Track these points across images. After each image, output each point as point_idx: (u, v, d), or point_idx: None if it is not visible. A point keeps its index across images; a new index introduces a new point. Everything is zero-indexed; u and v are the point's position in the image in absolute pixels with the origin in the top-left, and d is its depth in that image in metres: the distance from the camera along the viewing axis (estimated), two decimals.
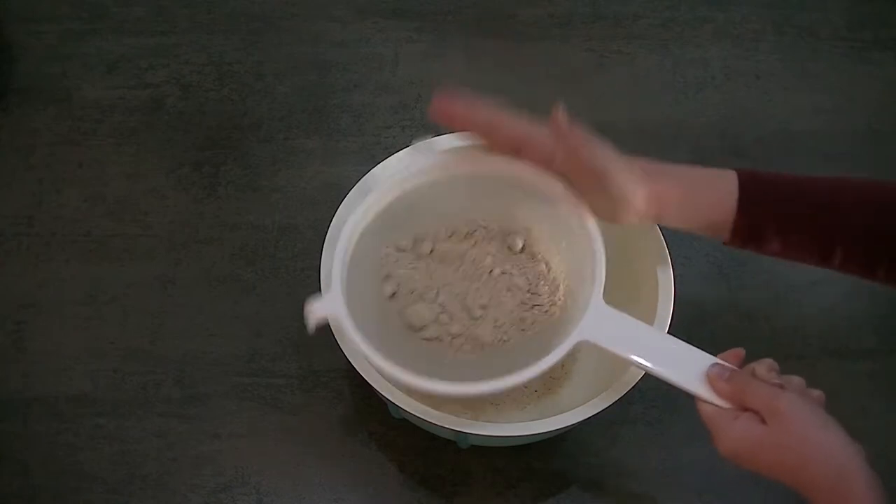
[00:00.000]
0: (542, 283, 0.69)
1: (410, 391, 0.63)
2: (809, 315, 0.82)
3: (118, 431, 0.75)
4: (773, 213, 0.60)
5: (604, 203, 0.61)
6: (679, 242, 0.83)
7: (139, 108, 0.91)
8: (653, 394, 0.77)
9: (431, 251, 0.70)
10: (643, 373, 0.64)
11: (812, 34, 0.97)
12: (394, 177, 0.66)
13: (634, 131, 0.91)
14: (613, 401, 0.64)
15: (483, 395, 0.60)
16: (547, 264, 0.69)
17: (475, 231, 0.70)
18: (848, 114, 0.93)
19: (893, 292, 0.82)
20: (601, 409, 0.64)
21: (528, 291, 0.69)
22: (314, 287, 0.67)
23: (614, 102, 0.93)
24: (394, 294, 0.69)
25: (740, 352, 0.60)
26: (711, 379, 0.58)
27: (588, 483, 0.74)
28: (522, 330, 0.68)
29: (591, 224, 0.62)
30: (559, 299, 0.68)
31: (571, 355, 0.76)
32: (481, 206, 0.69)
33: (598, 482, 0.74)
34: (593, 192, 0.61)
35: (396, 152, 0.72)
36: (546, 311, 0.68)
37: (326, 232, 0.70)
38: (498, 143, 0.63)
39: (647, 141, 0.90)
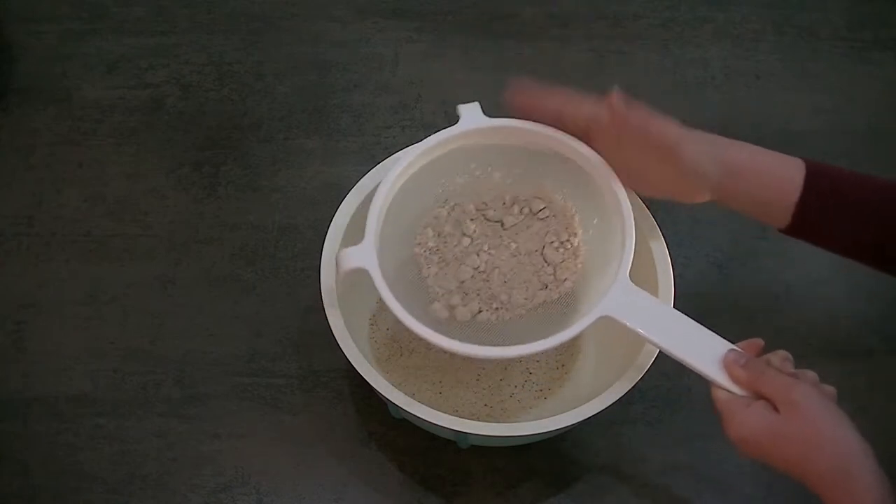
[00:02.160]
0: (564, 250, 0.68)
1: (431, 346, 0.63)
2: (809, 315, 0.82)
3: (118, 431, 0.75)
4: (834, 206, 0.60)
5: (674, 180, 0.61)
6: (679, 242, 0.83)
7: (139, 108, 0.91)
8: (653, 394, 0.77)
9: (460, 216, 0.70)
10: (643, 374, 0.65)
11: (812, 34, 0.97)
12: (430, 140, 0.66)
13: None
14: (613, 401, 0.64)
15: (506, 358, 0.61)
16: (571, 233, 0.69)
17: (502, 200, 0.70)
18: (848, 114, 0.92)
19: (894, 293, 0.82)
20: (601, 409, 0.64)
21: (549, 260, 0.68)
22: (314, 287, 0.67)
23: None
24: (423, 254, 0.69)
25: (759, 342, 0.60)
26: (728, 364, 0.58)
27: (588, 483, 0.74)
28: (539, 297, 0.68)
29: (624, 196, 0.62)
30: (578, 269, 0.68)
31: (573, 355, 0.76)
32: (513, 174, 0.69)
33: (598, 482, 0.74)
34: (662, 169, 0.61)
35: (396, 152, 0.72)
36: (565, 280, 0.68)
37: (326, 232, 0.70)
38: (567, 128, 0.63)
39: None
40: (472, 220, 0.69)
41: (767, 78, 0.95)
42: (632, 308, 0.61)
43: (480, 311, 0.67)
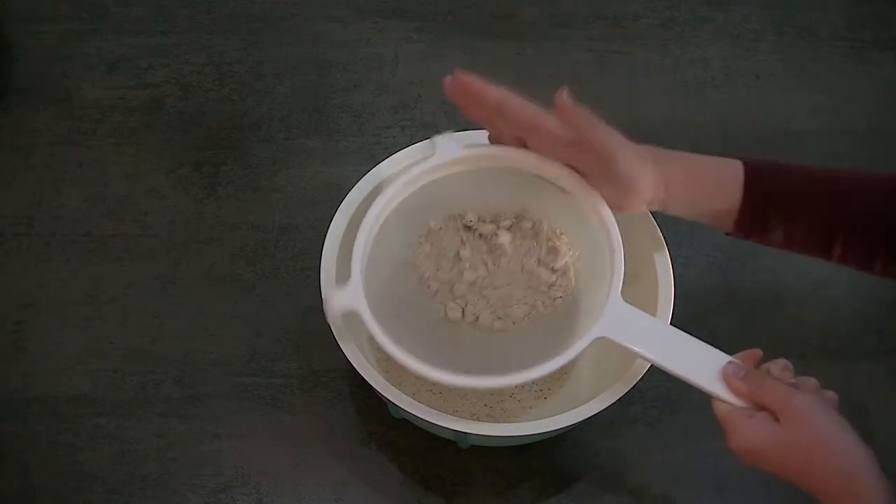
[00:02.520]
0: (555, 271, 0.68)
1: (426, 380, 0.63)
2: (809, 315, 0.82)
3: (118, 431, 0.75)
4: (777, 202, 0.60)
5: (610, 189, 0.61)
6: (679, 242, 0.83)
7: (139, 108, 0.91)
8: (653, 394, 0.77)
9: (448, 237, 0.70)
10: (643, 373, 0.65)
11: (812, 34, 0.97)
12: (411, 170, 0.65)
13: (634, 131, 0.90)
14: (613, 401, 0.64)
15: (498, 388, 0.62)
16: (558, 252, 0.69)
17: (492, 220, 0.70)
18: (848, 114, 0.92)
19: (894, 293, 0.82)
20: (601, 408, 0.64)
21: (540, 278, 0.68)
22: (314, 287, 0.67)
23: (614, 102, 0.92)
24: (414, 280, 0.69)
25: (757, 353, 0.60)
26: (727, 377, 0.58)
27: (588, 483, 0.74)
28: (533, 315, 0.68)
29: (609, 216, 0.62)
30: (570, 286, 0.68)
31: None
32: (497, 198, 0.69)
33: (598, 482, 0.74)
34: (600, 177, 0.61)
35: (396, 152, 0.73)
36: (557, 299, 0.68)
37: (326, 232, 0.70)
38: (506, 126, 0.62)
39: (647, 141, 0.90)
40: (462, 241, 0.69)
41: (767, 78, 0.95)
42: (626, 328, 0.60)
43: (478, 318, 0.68)
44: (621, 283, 0.61)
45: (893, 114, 0.93)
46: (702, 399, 0.78)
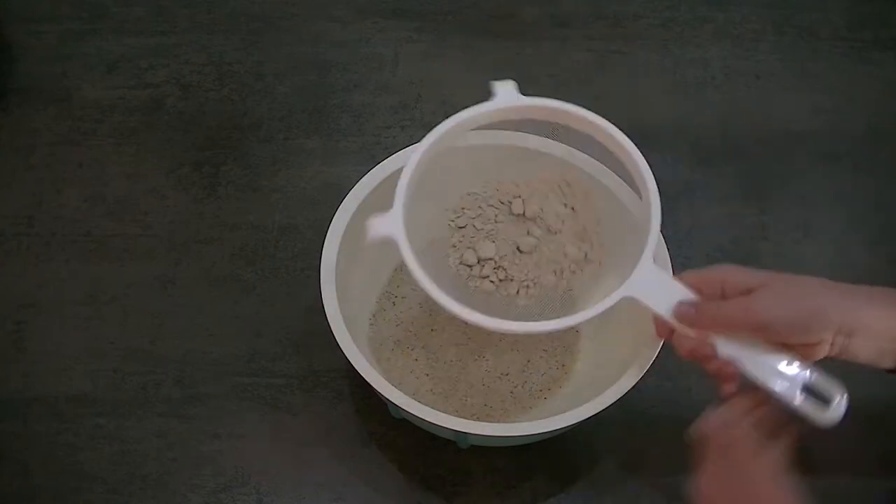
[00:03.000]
0: (585, 237, 0.69)
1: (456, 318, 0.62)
2: None
3: (118, 431, 0.75)
4: None
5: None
6: (679, 242, 0.83)
7: (139, 108, 0.91)
8: (653, 394, 0.77)
9: (488, 196, 0.70)
10: (643, 373, 0.65)
11: (812, 34, 0.97)
12: (463, 113, 0.65)
13: (634, 131, 0.91)
14: (613, 401, 0.64)
15: (530, 333, 0.61)
16: (593, 230, 0.69)
17: (528, 184, 0.70)
18: (848, 114, 0.92)
19: None
20: (601, 409, 0.64)
21: (568, 252, 0.69)
22: (314, 287, 0.67)
23: (614, 102, 0.92)
24: (452, 228, 0.69)
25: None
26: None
27: (588, 483, 0.74)
28: (559, 280, 0.68)
29: (651, 180, 0.63)
30: (600, 259, 0.68)
31: (573, 355, 0.76)
32: (543, 157, 0.70)
33: (599, 482, 0.74)
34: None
35: (396, 152, 0.73)
36: (584, 265, 0.68)
37: (326, 232, 0.70)
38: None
39: (647, 141, 0.90)
40: (495, 207, 0.69)
41: (767, 78, 0.95)
42: (655, 291, 0.60)
43: (503, 280, 0.68)
44: (654, 248, 0.61)
45: (893, 114, 0.93)
46: (702, 399, 0.78)
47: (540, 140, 0.72)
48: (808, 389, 0.58)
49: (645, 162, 0.64)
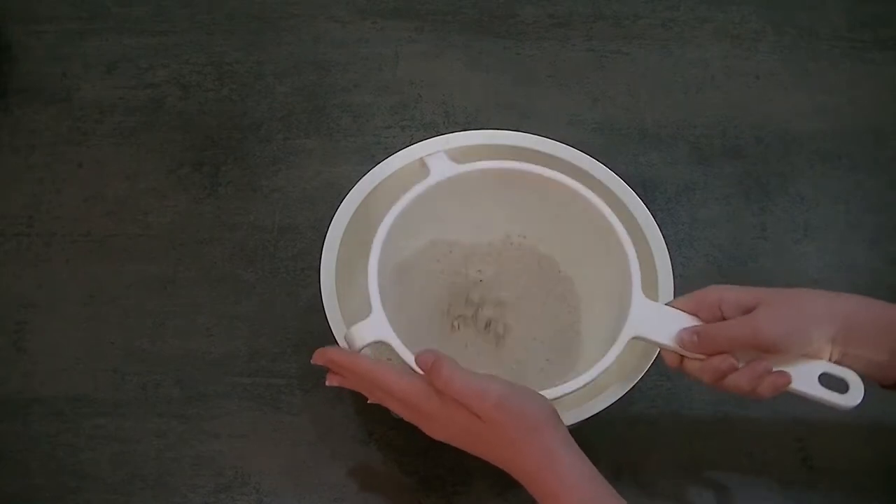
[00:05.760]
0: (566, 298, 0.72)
1: None
2: None
3: (118, 431, 0.75)
4: None
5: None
6: (679, 242, 0.83)
7: (139, 108, 0.91)
8: (653, 394, 0.77)
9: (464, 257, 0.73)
10: (643, 373, 0.65)
11: (812, 34, 0.97)
12: (420, 183, 0.66)
13: (634, 131, 0.91)
14: (614, 401, 0.64)
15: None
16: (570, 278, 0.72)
17: (507, 244, 0.74)
18: (848, 114, 0.93)
19: (893, 294, 0.82)
20: (601, 408, 0.64)
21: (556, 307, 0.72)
22: (314, 287, 0.67)
23: (614, 102, 0.93)
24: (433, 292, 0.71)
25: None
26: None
27: None
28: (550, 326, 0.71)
29: (614, 218, 0.64)
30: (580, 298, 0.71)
31: (573, 357, 0.76)
32: (506, 209, 0.71)
33: None
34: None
35: (396, 152, 0.73)
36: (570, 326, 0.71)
37: (326, 232, 0.70)
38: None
39: (647, 141, 0.90)
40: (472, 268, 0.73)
41: (767, 78, 0.95)
42: (655, 323, 0.61)
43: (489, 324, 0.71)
44: (640, 282, 0.62)
45: (893, 114, 0.93)
46: (702, 399, 0.78)
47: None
48: (824, 380, 0.59)
49: (602, 203, 0.65)
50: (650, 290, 0.68)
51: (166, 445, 0.74)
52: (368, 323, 0.61)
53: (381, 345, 0.61)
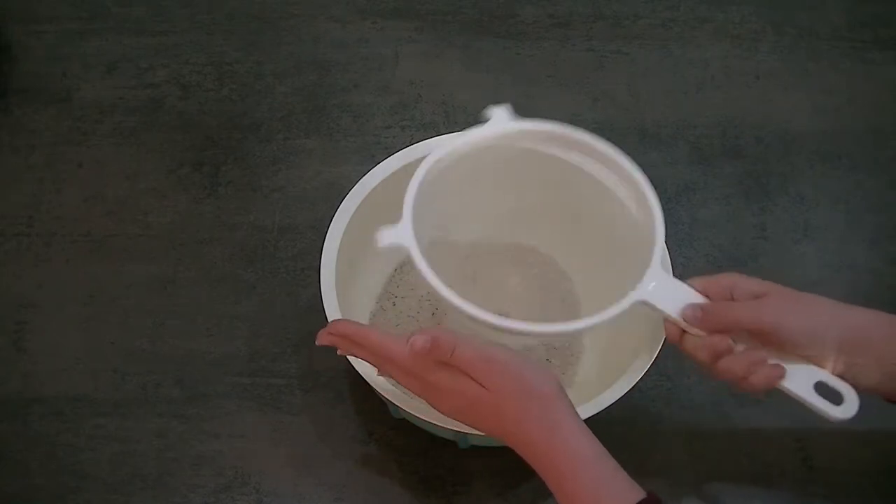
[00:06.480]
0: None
1: (475, 323, 0.61)
2: None
3: (118, 431, 0.75)
4: None
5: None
6: (679, 242, 0.83)
7: (139, 108, 0.91)
8: (653, 393, 0.77)
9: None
10: (643, 373, 0.65)
11: (812, 34, 0.97)
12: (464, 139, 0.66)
13: (634, 131, 0.91)
14: (613, 401, 0.64)
15: (548, 335, 0.63)
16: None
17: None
18: (848, 114, 0.93)
19: (892, 294, 0.83)
20: (601, 409, 0.64)
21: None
22: (314, 287, 0.67)
23: (614, 102, 0.93)
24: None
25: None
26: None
27: None
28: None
29: (647, 185, 0.64)
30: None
31: (573, 356, 0.76)
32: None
33: None
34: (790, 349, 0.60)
35: (396, 152, 0.73)
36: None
37: (326, 232, 0.70)
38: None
39: (647, 141, 0.90)
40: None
41: (767, 78, 0.95)
42: (664, 293, 0.61)
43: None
44: (662, 249, 0.62)
45: (893, 114, 0.93)
46: (702, 399, 0.78)
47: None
48: (821, 388, 0.59)
49: (644, 178, 0.64)
50: None
51: (166, 445, 0.74)
52: (394, 228, 0.60)
53: (400, 250, 0.60)
